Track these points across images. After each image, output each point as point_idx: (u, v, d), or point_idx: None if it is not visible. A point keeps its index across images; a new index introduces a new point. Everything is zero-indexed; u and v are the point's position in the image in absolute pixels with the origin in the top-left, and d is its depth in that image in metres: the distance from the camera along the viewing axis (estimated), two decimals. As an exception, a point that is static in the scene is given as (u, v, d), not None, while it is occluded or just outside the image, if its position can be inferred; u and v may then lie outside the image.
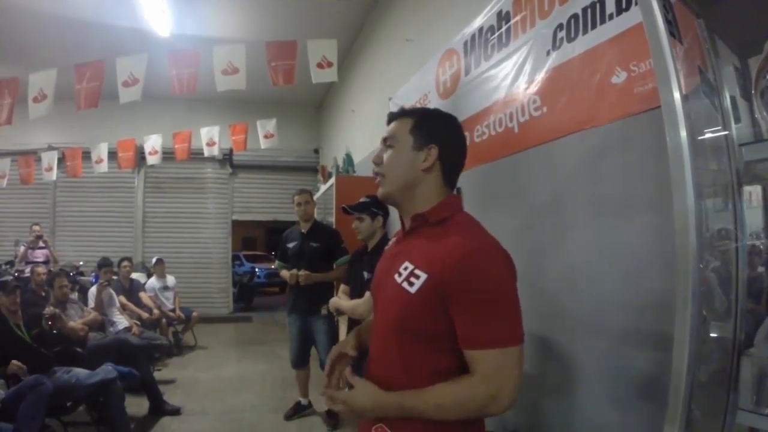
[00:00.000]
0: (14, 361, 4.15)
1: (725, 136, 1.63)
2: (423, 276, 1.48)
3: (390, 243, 1.88)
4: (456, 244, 1.47)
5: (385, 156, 1.65)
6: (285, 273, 5.16)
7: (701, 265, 1.40)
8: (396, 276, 1.57)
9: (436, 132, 1.63)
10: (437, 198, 1.63)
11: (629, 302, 2.42)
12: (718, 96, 1.68)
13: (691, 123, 1.31)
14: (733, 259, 1.60)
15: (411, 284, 1.50)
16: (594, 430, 2.65)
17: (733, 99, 1.70)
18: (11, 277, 7.41)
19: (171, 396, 5.81)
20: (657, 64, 1.35)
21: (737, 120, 1.68)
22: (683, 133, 1.25)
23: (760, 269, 1.77)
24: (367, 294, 3.69)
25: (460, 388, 1.42)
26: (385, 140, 1.67)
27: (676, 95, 1.28)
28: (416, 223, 1.63)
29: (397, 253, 1.65)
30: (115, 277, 7.75)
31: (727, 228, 1.61)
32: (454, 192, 1.72)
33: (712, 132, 1.64)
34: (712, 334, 1.56)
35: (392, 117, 1.71)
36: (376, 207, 3.97)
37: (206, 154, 10.05)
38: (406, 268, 1.54)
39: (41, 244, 9.31)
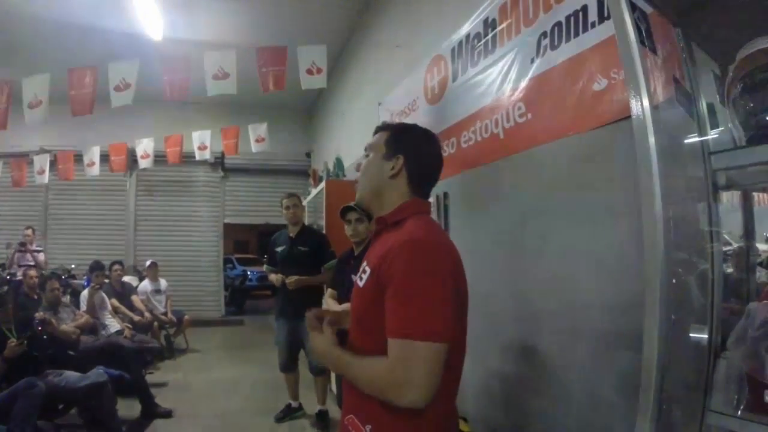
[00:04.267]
0: (10, 341, 4.21)
1: (701, 143, 1.67)
2: (368, 271, 1.60)
3: None
4: (395, 242, 1.55)
5: (363, 164, 1.80)
6: (273, 277, 5.19)
7: (680, 270, 1.44)
8: (358, 275, 1.68)
9: (405, 143, 1.76)
10: (401, 203, 1.73)
11: (610, 305, 2.46)
12: (695, 104, 1.72)
13: (663, 131, 1.35)
14: (709, 262, 1.64)
15: (361, 279, 1.62)
16: (576, 428, 2.68)
17: (711, 106, 1.74)
18: (6, 287, 7.42)
19: (162, 399, 5.80)
20: (627, 73, 1.39)
21: (714, 126, 1.72)
22: (652, 141, 1.29)
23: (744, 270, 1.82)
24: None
25: (371, 365, 1.53)
26: (365, 150, 1.81)
27: (646, 104, 1.31)
28: (379, 225, 1.75)
29: (365, 256, 1.75)
30: (106, 281, 7.75)
31: (703, 232, 1.66)
32: (434, 198, 1.81)
33: (688, 139, 1.68)
34: (692, 335, 1.60)
35: (376, 130, 1.84)
36: None
37: (198, 157, 10.05)
38: (364, 266, 1.65)
39: (36, 247, 9.32)
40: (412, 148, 1.75)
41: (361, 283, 1.62)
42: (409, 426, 1.52)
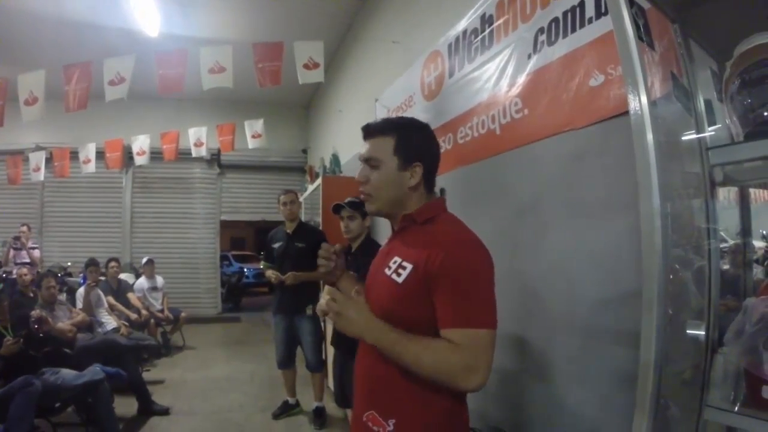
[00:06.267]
0: (6, 339, 4.22)
1: (698, 139, 1.67)
2: (409, 267, 1.60)
3: (384, 243, 1.96)
4: (440, 237, 1.59)
5: (372, 177, 1.72)
6: (270, 273, 5.19)
7: (677, 266, 1.44)
8: (386, 270, 1.67)
9: (419, 149, 1.73)
10: (423, 202, 1.74)
11: (607, 301, 2.47)
12: (693, 100, 1.72)
13: (661, 127, 1.34)
14: (707, 259, 1.64)
15: (399, 275, 1.61)
16: (575, 424, 2.69)
17: (708, 102, 1.74)
18: (1, 285, 7.40)
19: (160, 396, 5.81)
20: (625, 69, 1.38)
21: (711, 123, 1.72)
22: (649, 137, 1.28)
23: (740, 267, 1.83)
24: (355, 293, 3.71)
25: (443, 348, 1.51)
26: (367, 160, 1.73)
27: (644, 100, 1.31)
28: (405, 223, 1.74)
29: (388, 251, 1.76)
30: (102, 278, 7.73)
31: (700, 228, 1.66)
32: (438, 192, 1.80)
33: (686, 135, 1.68)
34: (689, 331, 1.60)
35: (369, 133, 1.76)
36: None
37: (194, 154, 10.00)
38: (395, 262, 1.65)
39: (31, 244, 9.28)
40: (426, 153, 1.74)
41: (399, 280, 1.61)
42: (436, 414, 1.61)
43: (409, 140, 1.72)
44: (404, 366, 1.54)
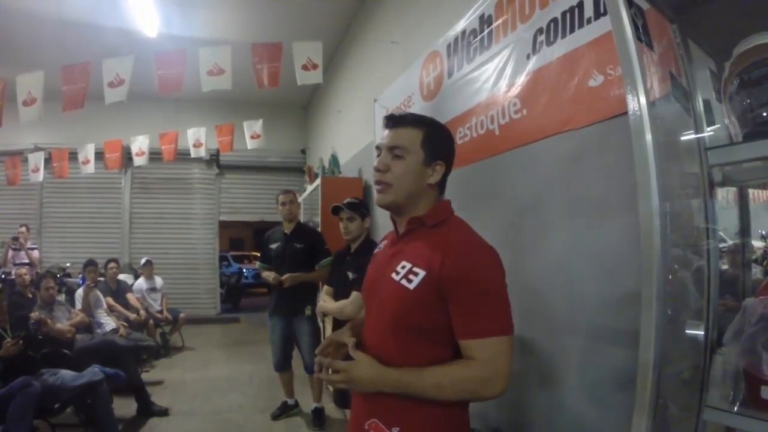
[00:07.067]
0: (6, 341, 4.21)
1: (697, 139, 1.67)
2: (421, 273, 1.57)
3: (381, 245, 1.94)
4: (453, 244, 1.57)
5: (394, 167, 1.68)
6: (266, 274, 5.17)
7: (676, 266, 1.44)
8: (393, 275, 1.64)
9: (444, 148, 1.73)
10: (432, 204, 1.72)
11: (606, 301, 2.47)
12: (692, 100, 1.72)
13: (660, 127, 1.34)
14: (705, 259, 1.64)
15: (410, 281, 1.58)
16: (574, 425, 2.68)
17: (707, 102, 1.74)
18: (0, 286, 7.39)
19: (159, 397, 5.82)
20: (623, 69, 1.38)
21: (710, 123, 1.72)
22: (648, 137, 1.28)
23: (739, 267, 1.83)
24: (354, 294, 3.70)
25: (458, 368, 1.53)
26: (392, 149, 1.69)
27: (642, 100, 1.31)
28: (412, 225, 1.71)
29: (393, 254, 1.72)
30: (101, 279, 7.72)
31: (699, 228, 1.66)
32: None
33: (684, 136, 1.68)
34: (688, 331, 1.60)
35: (398, 123, 1.73)
36: (365, 208, 4.01)
37: (193, 155, 9.98)
38: (403, 267, 1.62)
39: (30, 245, 9.27)
40: (449, 154, 1.75)
41: (411, 286, 1.57)
42: (439, 420, 1.60)
43: (438, 138, 1.72)
44: (426, 398, 1.54)
